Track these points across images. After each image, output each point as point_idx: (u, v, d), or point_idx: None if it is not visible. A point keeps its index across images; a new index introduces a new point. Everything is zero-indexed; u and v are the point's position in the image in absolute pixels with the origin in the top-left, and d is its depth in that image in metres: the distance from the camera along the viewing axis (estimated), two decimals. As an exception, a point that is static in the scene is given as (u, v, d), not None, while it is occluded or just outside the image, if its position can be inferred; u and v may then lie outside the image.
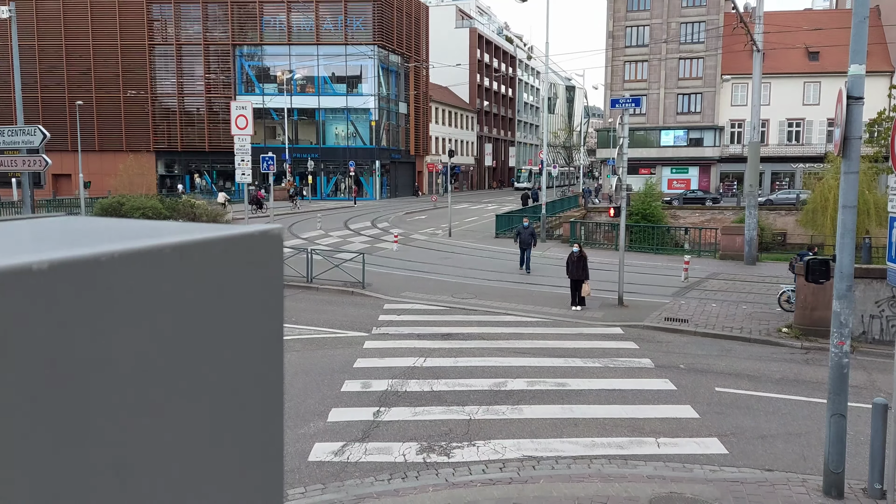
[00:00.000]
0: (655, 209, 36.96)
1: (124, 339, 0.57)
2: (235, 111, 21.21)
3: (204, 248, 0.65)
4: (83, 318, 0.54)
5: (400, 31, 59.46)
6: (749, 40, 25.43)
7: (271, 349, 0.74)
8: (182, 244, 0.62)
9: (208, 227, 0.69)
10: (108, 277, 0.55)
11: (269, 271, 0.73)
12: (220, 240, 0.67)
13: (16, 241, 0.63)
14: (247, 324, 0.70)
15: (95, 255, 0.55)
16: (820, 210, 29.55)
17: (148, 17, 56.09)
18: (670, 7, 56.64)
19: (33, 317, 0.50)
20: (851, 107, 7.53)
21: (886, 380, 10.92)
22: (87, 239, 0.62)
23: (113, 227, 0.73)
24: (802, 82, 54.75)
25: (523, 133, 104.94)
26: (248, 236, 0.70)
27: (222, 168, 56.20)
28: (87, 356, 0.54)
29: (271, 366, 0.74)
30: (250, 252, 0.71)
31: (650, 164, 57.33)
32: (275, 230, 0.74)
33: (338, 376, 11.09)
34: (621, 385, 11.01)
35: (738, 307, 17.25)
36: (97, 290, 0.55)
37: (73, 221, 0.76)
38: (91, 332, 0.54)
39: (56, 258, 0.52)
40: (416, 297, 17.83)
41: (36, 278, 0.51)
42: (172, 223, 0.73)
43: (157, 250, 0.60)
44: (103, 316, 0.55)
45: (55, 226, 0.73)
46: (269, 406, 0.74)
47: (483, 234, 33.26)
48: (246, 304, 0.70)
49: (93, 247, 0.55)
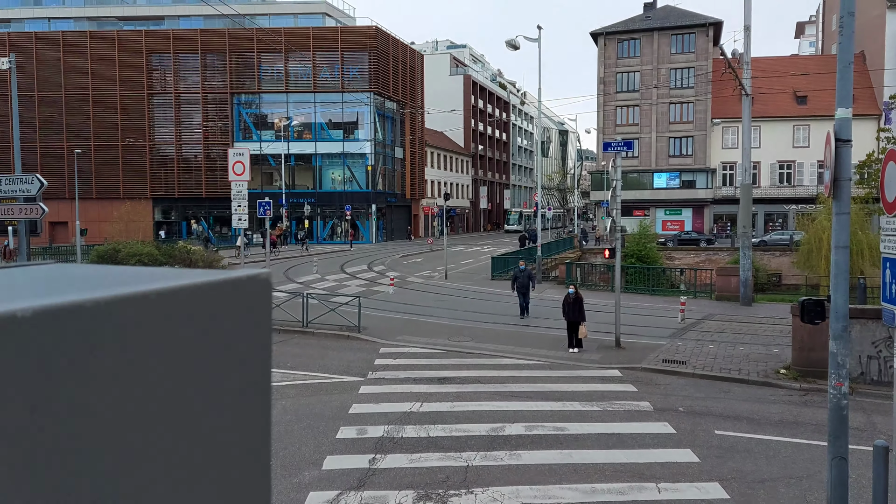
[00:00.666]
0: (651, 250, 37.10)
1: (109, 386, 0.56)
2: (233, 157, 21.39)
3: (190, 294, 0.64)
4: (67, 365, 0.53)
5: (395, 79, 60.47)
6: (737, 85, 25.91)
7: (259, 394, 0.74)
8: (167, 290, 0.62)
9: (195, 273, 0.68)
10: (92, 324, 0.55)
11: (256, 316, 0.72)
12: (206, 285, 0.66)
13: (3, 288, 0.63)
14: (234, 369, 0.70)
15: (80, 302, 0.54)
16: (815, 251, 29.68)
17: (147, 67, 57.01)
18: (659, 54, 57.81)
19: (17, 364, 0.50)
20: (840, 149, 7.64)
21: (886, 421, 10.83)
22: (73, 286, 0.62)
23: (100, 274, 0.72)
24: (791, 125, 55.60)
25: (518, 176, 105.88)
26: (234, 281, 0.70)
27: (219, 214, 56.43)
28: (71, 403, 0.53)
29: (258, 411, 0.74)
30: (238, 297, 0.70)
31: (644, 206, 57.75)
32: (262, 274, 0.73)
33: (333, 423, 10.96)
34: (620, 429, 10.90)
35: (736, 348, 17.19)
36: (82, 336, 0.54)
37: (62, 269, 0.78)
38: (75, 379, 0.54)
39: (40, 305, 0.52)
40: (412, 340, 17.74)
41: (20, 325, 0.50)
42: (160, 269, 0.74)
43: (142, 296, 0.59)
44: (88, 363, 0.55)
45: (44, 273, 0.73)
46: (256, 453, 0.74)
47: (479, 276, 33.27)
48: (233, 348, 0.70)
49: (78, 294, 0.55)
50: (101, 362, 0.56)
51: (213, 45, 56.75)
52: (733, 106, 51.73)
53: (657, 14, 60.41)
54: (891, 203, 7.60)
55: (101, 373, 0.56)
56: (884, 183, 7.74)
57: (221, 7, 48.06)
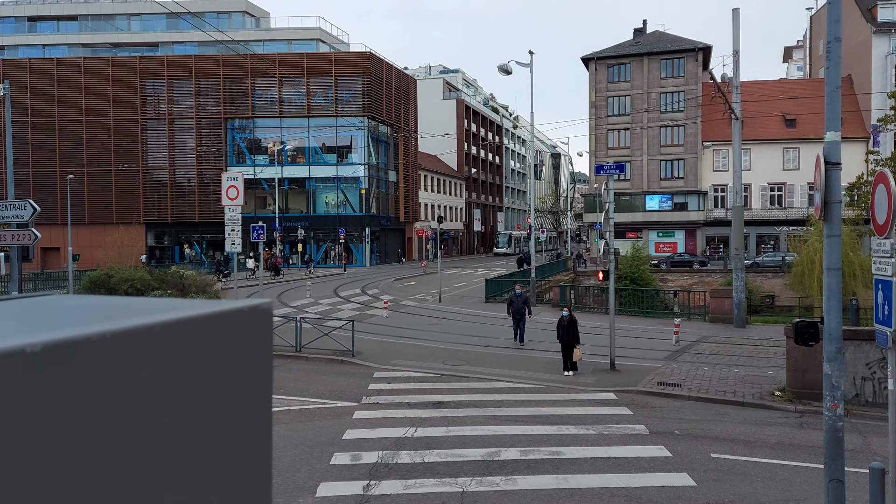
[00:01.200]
0: (644, 272, 37.20)
1: (115, 419, 0.57)
2: (227, 182, 21.42)
3: (194, 325, 0.65)
4: (76, 399, 0.54)
5: (389, 103, 60.88)
6: (727, 109, 26.20)
7: (260, 424, 0.75)
8: (172, 322, 0.63)
9: (198, 304, 0.69)
10: (100, 357, 0.56)
11: (258, 346, 0.73)
12: (210, 316, 0.67)
13: (9, 321, 0.64)
14: (236, 399, 0.70)
15: (87, 336, 0.55)
16: (807, 272, 29.84)
17: (141, 93, 57.25)
18: (650, 78, 58.47)
19: (28, 398, 0.51)
20: (830, 172, 7.72)
21: (882, 443, 10.81)
22: (78, 318, 0.64)
23: (104, 305, 0.73)
24: (781, 148, 56.14)
25: (511, 199, 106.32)
26: (237, 312, 0.70)
27: (212, 238, 56.33)
28: (78, 437, 0.54)
29: (260, 441, 0.75)
30: (240, 327, 0.71)
31: (636, 229, 57.99)
32: (264, 304, 0.74)
33: (327, 449, 10.86)
34: (616, 453, 10.84)
35: (731, 370, 17.18)
36: (90, 370, 0.55)
37: (65, 300, 0.79)
38: (83, 412, 0.54)
39: (49, 340, 0.53)
40: (406, 364, 17.66)
41: (30, 360, 0.51)
42: (165, 300, 0.75)
43: (148, 329, 0.60)
44: (95, 396, 0.55)
45: (47, 305, 0.74)
46: (257, 482, 0.75)
47: (473, 298, 33.24)
48: (236, 378, 0.70)
49: (84, 327, 0.56)
50: (109, 395, 0.57)
51: (208, 70, 57.09)
52: (723, 129, 52.28)
53: (647, 39, 61.21)
54: (881, 225, 7.66)
55: (109, 406, 0.57)
56: (874, 205, 7.81)
57: (216, 34, 48.52)
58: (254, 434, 0.74)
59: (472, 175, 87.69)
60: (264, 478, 0.76)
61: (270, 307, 0.76)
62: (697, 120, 56.60)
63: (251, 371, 0.73)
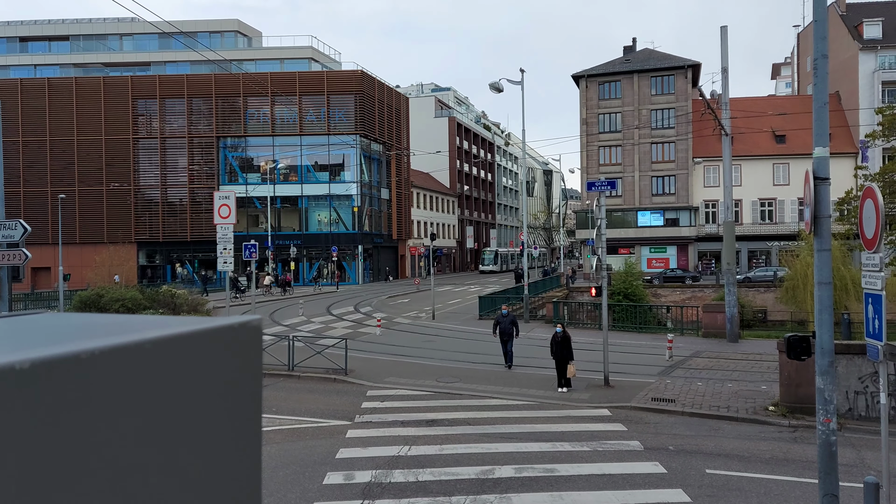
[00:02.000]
0: (637, 288, 37.29)
1: (105, 436, 0.57)
2: (219, 201, 21.37)
3: (184, 342, 0.65)
4: (64, 416, 0.54)
5: (381, 121, 61.12)
6: (717, 125, 26.42)
7: (249, 439, 0.75)
8: (162, 339, 0.63)
9: (188, 321, 0.69)
10: (89, 374, 0.56)
11: (248, 362, 0.74)
12: (200, 333, 0.68)
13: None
14: (225, 415, 0.70)
15: (76, 353, 0.55)
16: (799, 287, 29.97)
17: (133, 112, 57.29)
18: (640, 95, 58.96)
19: (15, 417, 0.51)
20: (819, 187, 7.79)
21: (876, 457, 10.81)
22: (67, 336, 0.63)
23: (94, 323, 0.73)
24: (771, 164, 56.58)
25: (503, 215, 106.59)
26: (227, 328, 0.71)
27: (204, 257, 56.18)
28: (68, 455, 0.54)
29: (249, 456, 0.75)
30: (230, 344, 0.71)
31: (629, 244, 58.19)
32: (254, 321, 0.75)
33: (320, 468, 10.77)
34: (611, 469, 10.79)
35: (724, 385, 17.17)
36: (79, 387, 0.55)
37: (54, 318, 0.78)
38: (72, 429, 0.54)
39: (38, 357, 0.53)
40: (400, 382, 17.57)
41: (18, 377, 0.51)
42: (154, 317, 0.75)
43: (137, 346, 0.61)
44: (84, 413, 0.55)
45: (36, 323, 0.74)
46: (247, 500, 0.75)
47: (466, 315, 33.18)
48: (225, 395, 0.70)
49: (73, 344, 0.56)
50: (98, 412, 0.56)
51: (200, 89, 57.22)
52: (714, 145, 52.72)
53: (637, 57, 61.79)
54: (870, 239, 7.72)
55: (99, 423, 0.56)
56: (862, 220, 7.87)
57: (208, 53, 48.72)
58: (243, 451, 0.74)
59: (464, 192, 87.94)
60: (254, 496, 0.76)
61: (260, 324, 0.77)
62: (688, 136, 57.05)
63: (241, 387, 0.73)
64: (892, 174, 35.05)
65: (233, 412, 0.72)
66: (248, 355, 0.74)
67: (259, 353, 0.76)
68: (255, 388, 0.76)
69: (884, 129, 36.46)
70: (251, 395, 0.75)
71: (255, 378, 0.76)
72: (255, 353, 0.75)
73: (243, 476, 0.74)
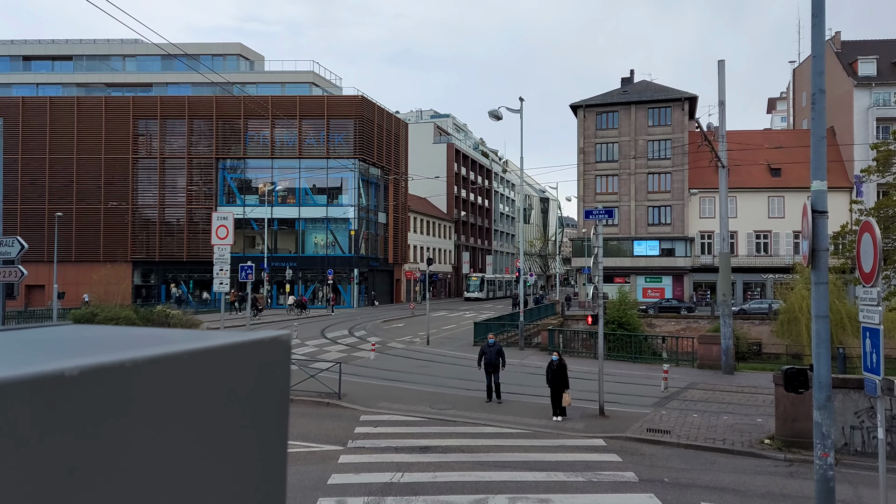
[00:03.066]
0: (632, 317, 37.22)
1: (146, 443, 0.58)
2: (217, 221, 21.40)
3: (218, 354, 0.67)
4: (107, 423, 0.55)
5: (380, 146, 61.48)
6: (713, 157, 26.64)
7: (277, 451, 0.76)
8: (198, 350, 0.65)
9: (221, 335, 0.71)
10: (131, 383, 0.58)
11: (277, 375, 0.76)
12: (233, 346, 0.69)
13: (34, 348, 0.66)
14: (255, 426, 0.72)
15: (121, 362, 0.57)
16: (795, 320, 29.96)
17: (133, 132, 57.55)
18: (637, 126, 59.51)
19: (66, 420, 0.52)
20: (817, 220, 7.83)
21: (873, 494, 10.73)
22: (105, 346, 0.66)
23: (126, 335, 0.74)
24: (767, 196, 56.96)
25: (500, 242, 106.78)
26: (259, 343, 0.73)
27: (199, 278, 56.07)
28: (108, 459, 0.55)
29: (276, 468, 0.76)
30: (261, 357, 0.73)
31: (624, 273, 58.27)
32: (284, 336, 0.77)
33: (311, 493, 10.64)
34: (606, 500, 10.68)
35: (720, 418, 17.08)
36: (122, 394, 0.57)
37: (82, 329, 0.79)
38: (114, 436, 0.56)
39: (86, 364, 0.54)
40: (393, 407, 17.44)
41: (68, 383, 0.53)
42: (188, 330, 0.76)
43: (177, 356, 0.62)
44: (126, 420, 0.57)
45: (67, 334, 0.76)
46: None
47: (461, 341, 33.06)
48: (255, 406, 0.72)
49: (117, 354, 0.58)
50: (139, 420, 0.58)
51: (200, 111, 57.58)
52: (710, 177, 53.06)
53: (634, 88, 62.48)
54: (867, 273, 7.74)
55: (140, 430, 0.58)
56: (860, 253, 7.91)
57: (210, 75, 49.12)
58: (270, 463, 0.75)
59: (461, 218, 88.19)
60: (279, 500, 0.77)
61: (290, 339, 0.78)
62: (684, 167, 57.46)
63: (270, 399, 0.74)
64: (887, 209, 35.28)
65: (262, 424, 0.73)
66: (277, 369, 0.76)
67: (287, 366, 0.78)
68: (283, 401, 0.77)
69: (878, 165, 36.80)
70: (279, 407, 0.77)
71: (284, 390, 0.78)
72: (283, 367, 0.77)
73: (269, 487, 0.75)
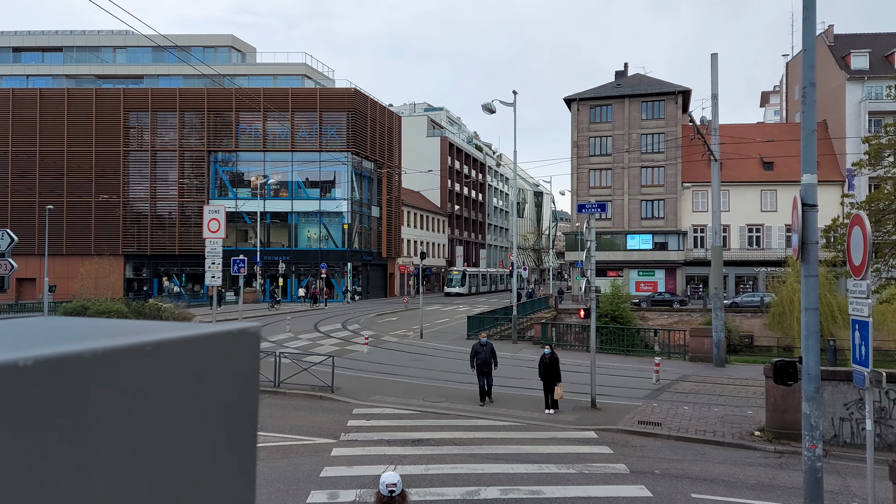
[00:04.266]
0: (624, 311, 37.36)
1: (104, 435, 0.58)
2: (208, 215, 21.32)
3: (183, 345, 0.66)
4: (64, 414, 0.55)
5: (373, 139, 61.33)
6: (706, 151, 26.68)
7: (245, 444, 0.75)
8: (162, 342, 0.64)
9: (187, 326, 0.70)
10: (90, 374, 0.57)
11: (246, 368, 0.75)
12: (199, 337, 0.69)
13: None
14: (222, 418, 0.71)
15: (79, 352, 0.56)
16: (786, 313, 30.15)
17: (124, 125, 57.20)
18: (630, 120, 59.55)
19: (18, 413, 0.51)
20: (806, 213, 7.86)
21: (861, 485, 10.81)
22: (69, 337, 0.64)
23: (94, 326, 0.74)
24: (759, 190, 57.15)
25: (493, 236, 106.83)
26: (226, 334, 0.72)
27: (191, 271, 55.88)
28: (66, 452, 0.55)
29: (245, 462, 0.75)
30: (229, 349, 0.72)
31: (617, 267, 58.41)
32: (252, 328, 0.76)
33: (304, 486, 10.65)
34: (597, 492, 10.73)
35: (711, 409, 17.17)
36: (80, 386, 0.56)
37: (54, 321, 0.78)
38: (71, 428, 0.55)
39: (41, 355, 0.54)
40: (386, 400, 17.46)
41: (22, 374, 0.52)
42: (155, 322, 0.75)
43: (138, 347, 0.62)
44: (85, 412, 0.56)
45: (36, 325, 0.75)
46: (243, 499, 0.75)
47: (455, 335, 33.09)
48: (222, 399, 0.71)
49: (76, 344, 0.57)
50: (97, 412, 0.57)
51: (192, 103, 57.26)
52: (703, 170, 53.24)
53: (628, 82, 62.48)
54: (857, 266, 7.78)
55: (100, 422, 0.57)
56: (850, 246, 7.95)
57: (202, 67, 48.83)
58: (238, 456, 0.74)
59: (454, 212, 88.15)
60: (248, 498, 0.76)
61: (258, 331, 0.77)
62: (677, 161, 57.56)
63: (238, 392, 0.73)
64: (878, 202, 35.45)
65: (229, 416, 0.73)
66: (246, 360, 0.75)
67: (257, 359, 0.77)
68: (252, 393, 0.76)
69: (870, 158, 36.94)
70: (248, 399, 0.76)
71: (252, 382, 0.76)
72: (252, 359, 0.76)
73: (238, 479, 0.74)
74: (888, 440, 13.47)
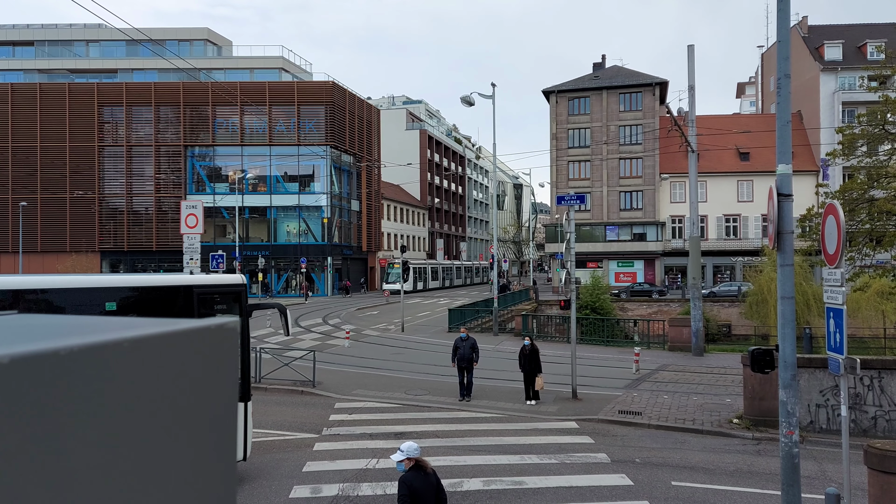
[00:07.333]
0: (604, 302, 37.61)
1: (81, 432, 0.57)
2: (186, 210, 21.11)
3: (161, 341, 0.66)
4: (41, 412, 0.54)
5: (352, 133, 61.02)
6: (683, 142, 26.89)
7: (224, 439, 0.75)
8: (140, 338, 0.64)
9: (165, 322, 0.70)
10: (67, 371, 0.56)
11: (224, 363, 0.74)
12: (177, 333, 0.68)
13: None
14: (201, 413, 0.71)
15: (55, 350, 0.56)
16: (763, 302, 30.50)
17: (99, 120, 56.32)
18: (608, 111, 59.83)
19: None
20: (782, 203, 7.95)
21: (837, 469, 11.01)
22: (45, 334, 0.64)
23: (70, 323, 0.74)
24: (736, 181, 57.76)
25: (474, 228, 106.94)
26: (204, 329, 0.72)
27: (169, 267, 55.28)
28: (43, 450, 0.54)
29: (224, 457, 0.75)
30: (207, 344, 0.72)
31: (597, 258, 58.79)
32: (230, 323, 0.75)
33: (286, 481, 10.62)
34: (578, 482, 10.82)
35: (690, 398, 17.38)
36: (57, 383, 0.55)
37: (29, 318, 0.77)
38: (49, 425, 0.54)
39: (17, 352, 0.53)
40: (368, 394, 17.45)
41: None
42: (133, 318, 0.74)
43: (115, 344, 0.61)
44: (61, 409, 0.55)
45: (11, 322, 0.74)
46: (221, 498, 0.75)
47: (436, 328, 33.12)
48: (201, 394, 0.71)
49: (52, 341, 0.56)
50: (75, 409, 0.57)
51: (167, 97, 56.53)
52: (680, 162, 53.64)
53: (606, 73, 62.74)
54: (831, 255, 7.90)
55: (76, 420, 0.57)
56: (824, 235, 8.06)
57: (177, 61, 48.20)
58: (217, 452, 0.74)
59: (435, 205, 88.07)
60: (229, 495, 0.75)
61: (237, 326, 0.77)
62: (655, 152, 57.97)
63: (216, 387, 0.73)
64: (851, 192, 35.93)
65: (208, 411, 0.72)
66: (224, 356, 0.74)
67: (235, 354, 0.76)
68: (231, 387, 0.76)
69: (844, 148, 37.40)
70: (227, 394, 0.76)
71: (231, 377, 0.76)
72: (230, 354, 0.75)
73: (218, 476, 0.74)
74: (863, 425, 13.72)
